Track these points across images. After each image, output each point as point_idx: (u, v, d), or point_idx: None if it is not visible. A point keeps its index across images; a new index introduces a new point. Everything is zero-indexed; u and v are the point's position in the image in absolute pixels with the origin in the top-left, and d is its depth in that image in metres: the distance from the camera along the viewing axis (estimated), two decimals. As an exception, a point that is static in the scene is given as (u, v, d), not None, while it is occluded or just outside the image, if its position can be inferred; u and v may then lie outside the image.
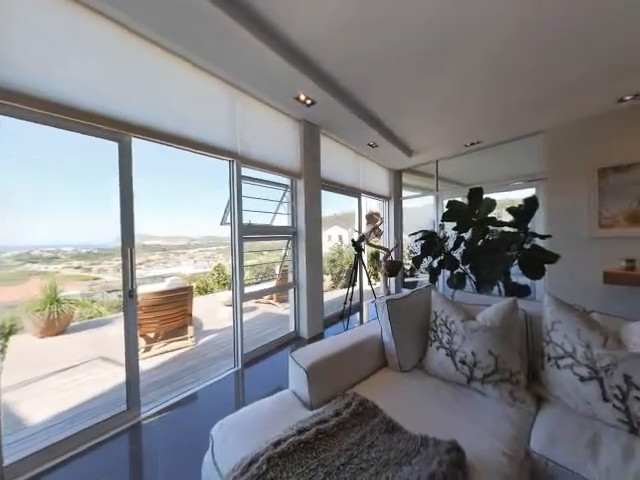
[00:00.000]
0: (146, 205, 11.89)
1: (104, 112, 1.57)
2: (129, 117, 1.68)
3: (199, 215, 17.24)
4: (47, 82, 1.39)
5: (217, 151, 2.19)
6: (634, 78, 2.26)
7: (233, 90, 2.31)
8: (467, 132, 3.40)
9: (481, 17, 1.62)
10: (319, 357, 1.23)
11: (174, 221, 13.10)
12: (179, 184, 14.59)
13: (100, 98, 1.57)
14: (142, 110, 1.75)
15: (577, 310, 1.18)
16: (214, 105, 2.19)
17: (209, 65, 2.03)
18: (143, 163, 2.09)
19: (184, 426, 1.65)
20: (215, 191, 13.33)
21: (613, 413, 0.98)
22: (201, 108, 2.10)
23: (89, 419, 1.65)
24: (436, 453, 0.83)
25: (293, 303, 3.09)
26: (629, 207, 2.75)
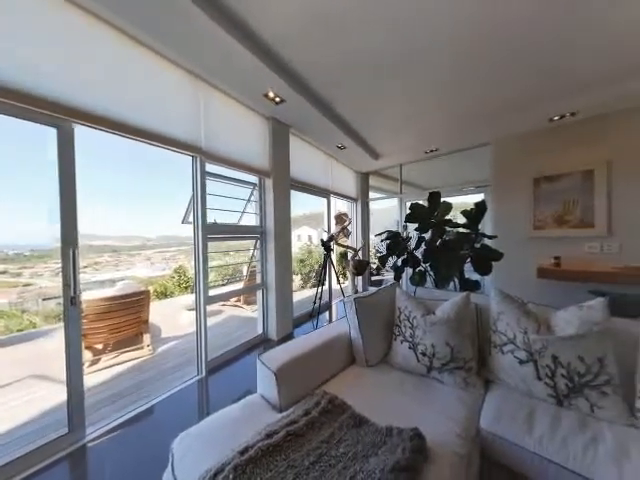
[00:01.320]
0: (95, 201, 10.64)
1: (40, 93, 1.37)
2: (72, 101, 1.48)
3: (157, 213, 15.90)
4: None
5: (178, 145, 2.04)
6: (560, 102, 2.64)
7: (197, 82, 2.18)
8: (426, 140, 3.65)
9: (433, 34, 1.75)
10: (288, 358, 1.22)
11: (128, 219, 11.89)
12: (135, 179, 13.32)
13: (38, 78, 1.36)
14: (89, 95, 1.56)
15: (517, 301, 1.34)
16: (176, 96, 2.04)
17: (172, 53, 1.89)
18: (93, 154, 1.86)
19: (139, 444, 1.51)
20: (176, 188, 12.45)
21: (544, 389, 1.13)
22: (161, 98, 1.94)
23: (21, 447, 1.42)
24: (400, 441, 0.88)
25: (261, 304, 3.02)
26: (556, 212, 3.21)
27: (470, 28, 1.72)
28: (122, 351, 2.69)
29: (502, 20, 1.65)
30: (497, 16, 1.62)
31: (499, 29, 1.73)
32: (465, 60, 2.04)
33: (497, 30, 1.74)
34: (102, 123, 1.61)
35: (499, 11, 1.59)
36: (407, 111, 2.84)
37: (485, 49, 1.91)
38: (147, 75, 1.86)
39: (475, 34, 1.78)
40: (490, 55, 1.98)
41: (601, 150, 2.93)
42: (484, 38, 1.82)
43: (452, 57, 2.00)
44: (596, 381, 1.05)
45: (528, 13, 1.60)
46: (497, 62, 2.06)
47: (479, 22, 1.67)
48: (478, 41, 1.84)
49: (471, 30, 1.75)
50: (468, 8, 1.56)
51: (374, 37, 1.78)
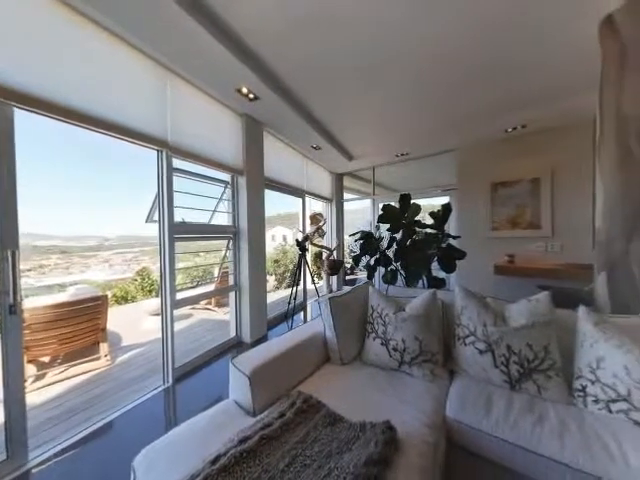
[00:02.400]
0: (42, 196, 9.56)
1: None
2: (12, 82, 1.30)
3: (118, 211, 14.58)
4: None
5: (141, 137, 1.90)
6: (512, 115, 2.93)
7: (163, 72, 2.04)
8: (397, 144, 3.81)
9: (402, 45, 1.84)
10: (262, 361, 1.20)
11: (83, 217, 10.73)
12: (93, 174, 12.07)
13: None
14: (35, 77, 1.38)
15: (477, 297, 1.46)
16: (139, 86, 1.89)
17: (135, 40, 1.75)
18: (44, 144, 1.65)
19: (95, 465, 1.38)
20: (140, 184, 11.52)
21: (500, 376, 1.24)
22: (121, 86, 1.79)
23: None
24: (373, 435, 0.90)
25: (234, 307, 2.92)
26: (510, 214, 3.54)
27: (433, 45, 1.84)
28: (74, 363, 2.43)
29: (460, 41, 1.78)
30: (456, 38, 1.75)
31: (459, 49, 1.87)
32: (430, 74, 2.17)
33: (457, 49, 1.88)
34: (51, 109, 1.44)
35: (457, 34, 1.71)
36: (380, 115, 2.94)
37: (447, 65, 2.06)
38: (107, 61, 1.70)
39: (438, 51, 1.90)
40: (451, 71, 2.13)
41: (546, 160, 3.29)
42: (446, 56, 1.96)
43: (419, 69, 2.12)
44: (542, 366, 1.18)
45: (484, 36, 1.75)
46: (458, 77, 2.23)
47: (441, 41, 1.78)
48: (440, 58, 1.97)
49: (434, 47, 1.87)
50: (431, 27, 1.66)
51: (350, 40, 1.81)
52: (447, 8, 1.56)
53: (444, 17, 1.63)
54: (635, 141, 1.50)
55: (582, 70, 2.08)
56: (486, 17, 1.63)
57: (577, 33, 1.75)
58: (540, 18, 1.65)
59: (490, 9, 1.59)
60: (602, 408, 1.04)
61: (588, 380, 1.10)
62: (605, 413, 1.03)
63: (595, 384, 1.08)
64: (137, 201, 15.48)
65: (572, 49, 1.90)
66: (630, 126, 1.52)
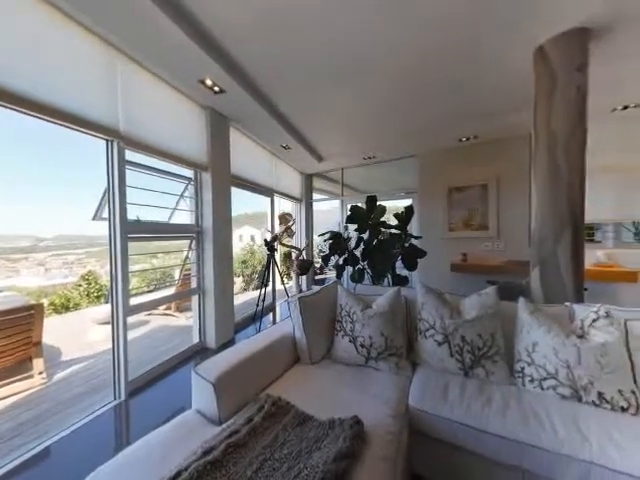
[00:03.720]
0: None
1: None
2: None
3: (56, 207, 12.72)
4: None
5: (84, 124, 1.68)
6: (465, 126, 3.22)
7: (115, 54, 1.84)
8: (364, 147, 3.94)
9: (369, 54, 1.92)
10: (228, 366, 1.15)
11: (10, 214, 9.12)
12: (22, 164, 10.37)
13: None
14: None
15: (436, 292, 1.58)
16: (82, 66, 1.68)
17: (82, 17, 1.54)
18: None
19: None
20: (86, 177, 10.19)
21: (456, 364, 1.36)
22: (59, 64, 1.57)
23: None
24: (341, 431, 0.92)
25: (198, 311, 2.75)
26: (463, 216, 3.89)
27: (399, 57, 1.94)
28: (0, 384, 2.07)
29: (422, 56, 1.91)
30: (419, 53, 1.87)
31: (421, 63, 2.00)
32: (395, 83, 2.30)
33: (419, 63, 2.01)
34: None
35: (420, 50, 1.83)
36: (348, 118, 3.01)
37: (411, 76, 2.19)
38: (40, 36, 1.48)
39: (402, 63, 2.02)
40: (415, 82, 2.27)
41: (493, 169, 3.68)
42: (409, 68, 2.08)
43: (386, 77, 2.22)
44: (490, 352, 1.32)
45: (442, 56, 1.90)
46: (420, 88, 2.39)
47: (406, 53, 1.89)
48: (404, 69, 2.09)
49: (399, 59, 1.98)
50: (398, 38, 1.76)
51: (318, 42, 1.82)
52: (412, 24, 1.66)
53: (410, 31, 1.72)
54: (561, 155, 1.76)
55: (521, 91, 2.36)
56: (444, 43, 1.77)
57: (516, 60, 1.99)
58: (487, 44, 1.84)
59: (447, 40, 1.74)
60: (536, 386, 1.20)
61: (525, 362, 1.26)
62: (539, 390, 1.19)
63: (531, 365, 1.24)
64: (82, 196, 13.70)
65: (513, 73, 2.15)
66: (557, 142, 1.77)
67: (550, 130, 1.79)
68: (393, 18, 1.62)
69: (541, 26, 1.71)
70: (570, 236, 1.73)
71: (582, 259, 1.77)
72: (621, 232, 3.23)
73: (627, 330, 1.19)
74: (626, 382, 1.09)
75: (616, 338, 1.14)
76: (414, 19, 1.63)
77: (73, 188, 20.98)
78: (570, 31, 1.71)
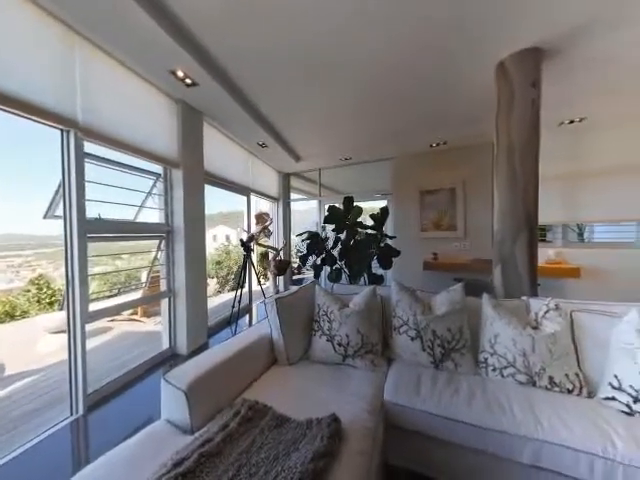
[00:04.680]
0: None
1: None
2: None
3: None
4: None
5: (34, 111, 1.51)
6: (436, 132, 3.40)
7: (71, 36, 1.67)
8: (341, 148, 4.00)
9: (347, 54, 1.95)
10: (201, 372, 1.10)
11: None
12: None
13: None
14: None
15: (409, 290, 1.64)
16: (32, 47, 1.51)
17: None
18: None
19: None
20: (35, 171, 9.14)
21: (427, 358, 1.43)
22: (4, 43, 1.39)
23: None
24: (319, 430, 0.93)
25: (168, 315, 2.60)
26: (434, 218, 4.11)
27: (376, 60, 1.99)
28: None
29: (398, 63, 1.99)
30: (395, 59, 1.94)
31: (396, 69, 2.07)
32: (367, 87, 2.36)
33: (395, 69, 2.08)
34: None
35: (396, 56, 1.90)
36: (325, 118, 3.03)
37: (386, 81, 2.26)
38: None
39: (372, 67, 2.07)
40: (389, 87, 2.35)
41: (460, 173, 3.93)
42: (380, 73, 2.15)
43: (359, 81, 2.27)
44: (458, 345, 1.41)
45: (415, 65, 1.99)
46: (394, 94, 2.47)
47: (383, 57, 1.95)
48: (375, 74, 2.16)
49: (369, 63, 2.03)
50: (374, 43, 1.81)
51: (295, 37, 1.81)
52: (390, 30, 1.71)
53: (385, 38, 1.78)
54: (518, 162, 1.93)
55: (485, 102, 2.54)
56: (416, 52, 1.86)
57: (480, 73, 2.14)
58: (454, 57, 1.95)
59: (419, 50, 1.82)
60: (498, 374, 1.30)
61: (488, 353, 1.36)
62: (500, 378, 1.30)
63: (493, 356, 1.34)
64: (30, 191, 12.36)
65: (477, 85, 2.31)
66: (515, 150, 1.94)
67: (509, 139, 1.96)
68: (369, 23, 1.67)
69: (502, 43, 1.86)
70: (526, 237, 1.91)
71: (536, 257, 1.95)
72: (567, 232, 3.62)
73: (572, 320, 1.34)
74: (571, 367, 1.23)
75: (563, 327, 1.28)
76: (389, 27, 1.69)
77: (19, 182, 17.71)
78: (526, 50, 1.88)
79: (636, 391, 1.05)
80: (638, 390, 1.04)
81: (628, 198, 3.16)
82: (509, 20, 1.65)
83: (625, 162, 3.14)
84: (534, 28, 1.72)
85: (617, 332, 1.18)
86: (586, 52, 1.93)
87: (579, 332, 1.31)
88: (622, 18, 1.64)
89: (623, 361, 1.12)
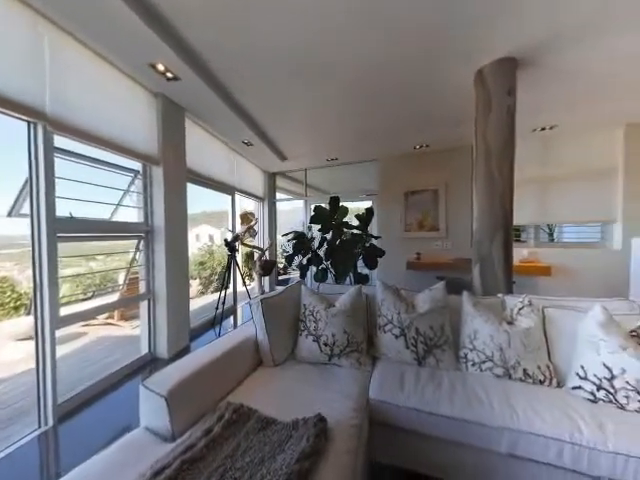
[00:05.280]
0: None
1: None
2: None
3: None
4: None
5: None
6: (419, 135, 3.50)
7: (39, 20, 1.56)
8: (327, 148, 4.01)
9: (334, 54, 1.97)
10: (182, 377, 1.06)
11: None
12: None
13: None
14: None
15: (393, 289, 1.68)
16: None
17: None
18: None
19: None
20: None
21: (411, 355, 1.47)
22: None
23: None
24: (305, 431, 0.92)
25: (147, 318, 2.49)
26: (418, 218, 4.22)
27: (355, 62, 2.02)
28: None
29: (383, 66, 2.02)
30: (381, 63, 1.98)
31: (382, 72, 2.11)
32: (352, 88, 2.39)
33: (373, 72, 2.11)
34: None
35: (382, 60, 1.94)
36: (311, 117, 3.03)
37: (372, 83, 2.30)
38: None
39: (358, 69, 2.10)
40: (375, 89, 2.39)
41: (442, 175, 4.06)
42: (366, 75, 2.18)
43: (345, 82, 2.29)
44: (440, 342, 1.45)
45: (401, 69, 2.03)
46: (379, 96, 2.51)
47: (368, 60, 1.98)
48: (361, 76, 2.19)
49: (355, 64, 2.05)
50: (360, 47, 1.83)
51: (284, 33, 1.79)
52: (375, 33, 1.74)
53: (372, 39, 1.80)
54: (495, 166, 2.02)
55: (465, 107, 2.64)
56: (400, 56, 1.90)
57: (461, 79, 2.22)
58: (436, 63, 2.02)
59: (402, 54, 1.86)
60: (477, 369, 1.36)
61: (468, 349, 1.42)
62: (479, 372, 1.35)
63: (473, 351, 1.39)
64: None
65: (458, 90, 2.39)
66: (492, 154, 2.03)
67: (487, 144, 2.05)
68: (355, 26, 1.68)
69: (481, 52, 1.94)
70: (502, 237, 2.00)
71: (511, 257, 2.06)
72: (539, 233, 3.84)
73: (544, 315, 1.42)
74: (543, 359, 1.31)
75: (536, 323, 1.35)
76: (374, 30, 1.72)
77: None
78: (502, 59, 1.97)
79: (599, 380, 1.13)
80: (601, 379, 1.13)
81: (593, 201, 3.41)
82: (487, 30, 1.73)
83: (590, 167, 3.39)
84: (509, 39, 1.81)
85: (583, 326, 1.27)
86: (555, 63, 2.06)
87: (550, 327, 1.40)
88: (585, 34, 1.76)
89: (588, 353, 1.20)
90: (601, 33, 1.76)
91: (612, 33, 1.75)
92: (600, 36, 1.79)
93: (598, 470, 0.96)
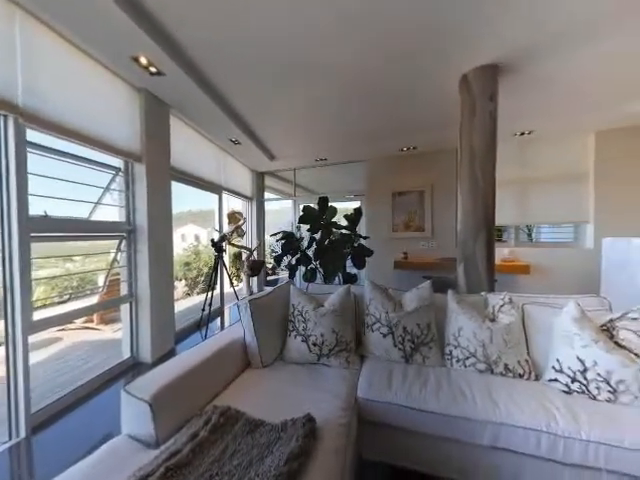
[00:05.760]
0: None
1: None
2: None
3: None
4: None
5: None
6: (406, 138, 3.57)
7: (12, 7, 1.47)
8: (316, 148, 4.01)
9: (323, 55, 1.97)
10: (167, 381, 1.03)
11: None
12: None
13: None
14: None
15: (381, 288, 1.70)
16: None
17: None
18: None
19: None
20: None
21: (398, 353, 1.49)
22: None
23: None
24: (294, 431, 0.92)
25: (129, 321, 2.40)
26: (404, 219, 4.30)
27: (352, 63, 2.03)
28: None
29: (371, 70, 2.05)
30: (369, 66, 2.00)
31: (364, 76, 2.14)
32: (343, 91, 2.41)
33: (363, 76, 2.14)
34: None
35: (369, 63, 1.96)
36: (300, 119, 3.02)
37: (361, 85, 2.32)
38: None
39: (355, 70, 2.11)
40: (364, 91, 2.42)
41: (428, 177, 4.16)
42: (354, 78, 2.21)
43: (333, 84, 2.31)
44: (426, 340, 1.49)
45: (387, 74, 2.07)
46: (365, 100, 2.56)
47: (359, 62, 1.99)
48: (356, 77, 2.20)
49: (343, 66, 2.07)
50: (350, 48, 1.84)
51: (272, 33, 1.77)
52: (362, 36, 1.76)
53: (359, 42, 1.82)
54: (478, 168, 2.09)
55: (450, 111, 2.71)
56: (387, 59, 1.93)
57: (446, 84, 2.28)
58: (422, 68, 2.07)
59: (392, 69, 1.89)
60: (461, 365, 1.40)
61: (453, 346, 1.46)
62: (463, 368, 1.39)
63: (457, 348, 1.44)
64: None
65: (444, 95, 2.46)
66: (476, 157, 2.10)
67: (471, 147, 2.12)
68: (343, 28, 1.69)
69: (465, 58, 2.00)
70: (485, 237, 2.08)
71: (494, 256, 2.14)
72: (519, 233, 4.02)
73: (523, 312, 1.49)
74: (522, 354, 1.36)
75: (516, 319, 1.41)
76: (361, 33, 1.74)
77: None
78: (485, 65, 2.05)
79: (573, 372, 1.20)
80: (575, 371, 1.19)
81: (567, 203, 3.60)
82: (471, 37, 1.78)
83: (565, 172, 3.57)
84: (492, 46, 1.88)
85: (558, 321, 1.34)
86: (534, 72, 2.16)
87: (528, 322, 1.46)
88: (561, 44, 1.86)
89: (563, 347, 1.27)
90: (575, 45, 1.86)
91: (584, 45, 1.86)
92: (574, 48, 1.89)
93: (572, 458, 1.01)
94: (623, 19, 1.64)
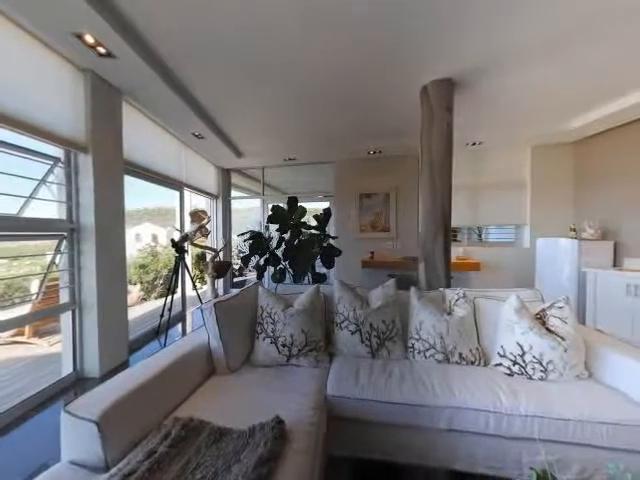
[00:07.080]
0: None
1: None
2: None
3: None
4: None
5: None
6: (372, 141, 3.71)
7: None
8: (285, 148, 3.98)
9: (290, 54, 1.97)
10: (117, 397, 0.93)
11: None
12: None
13: None
14: None
15: (349, 287, 1.75)
16: None
17: None
18: None
19: None
20: None
21: (365, 349, 1.54)
22: None
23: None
24: (262, 436, 0.90)
25: (71, 332, 2.12)
26: (371, 220, 4.47)
27: (310, 66, 2.05)
28: None
29: (338, 74, 2.09)
30: (335, 70, 2.04)
31: (329, 79, 2.19)
32: (308, 92, 2.44)
33: (328, 79, 2.19)
34: None
35: (336, 68, 2.00)
36: (269, 116, 2.97)
37: (327, 88, 2.37)
38: None
39: (322, 72, 2.14)
40: (330, 94, 2.47)
41: (393, 180, 4.38)
42: (321, 80, 2.25)
43: (300, 85, 2.33)
44: (391, 335, 1.56)
45: (354, 81, 2.13)
46: (334, 101, 2.61)
47: (324, 65, 2.02)
48: (315, 82, 2.25)
49: (309, 69, 2.09)
50: (317, 50, 1.86)
51: (235, 27, 1.71)
52: (327, 43, 1.78)
53: (324, 46, 1.84)
54: (437, 174, 2.26)
55: (412, 118, 2.89)
56: (352, 66, 1.99)
57: (409, 93, 2.43)
58: (386, 76, 2.17)
59: (356, 76, 1.95)
60: (422, 356, 1.50)
61: (415, 339, 1.56)
62: (423, 359, 1.49)
63: (419, 341, 1.54)
64: None
65: (406, 103, 2.62)
66: (434, 164, 2.27)
67: (430, 154, 2.28)
68: (307, 30, 1.70)
69: (424, 71, 2.15)
70: (442, 237, 2.25)
71: (449, 255, 2.33)
72: (471, 234, 4.44)
73: (475, 305, 1.65)
74: (474, 343, 1.51)
75: (469, 312, 1.56)
76: (326, 39, 1.77)
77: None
78: (442, 79, 2.22)
79: (514, 356, 1.36)
80: (515, 355, 1.36)
81: (509, 207, 4.08)
82: (429, 52, 1.93)
83: (508, 179, 4.05)
84: (446, 62, 2.05)
85: (502, 312, 1.51)
86: (483, 88, 2.40)
87: (479, 314, 1.62)
88: (502, 65, 2.09)
89: (506, 334, 1.43)
90: (515, 67, 2.11)
91: (522, 68, 2.12)
92: (514, 69, 2.14)
93: (513, 431, 1.15)
94: (553, 50, 1.91)
